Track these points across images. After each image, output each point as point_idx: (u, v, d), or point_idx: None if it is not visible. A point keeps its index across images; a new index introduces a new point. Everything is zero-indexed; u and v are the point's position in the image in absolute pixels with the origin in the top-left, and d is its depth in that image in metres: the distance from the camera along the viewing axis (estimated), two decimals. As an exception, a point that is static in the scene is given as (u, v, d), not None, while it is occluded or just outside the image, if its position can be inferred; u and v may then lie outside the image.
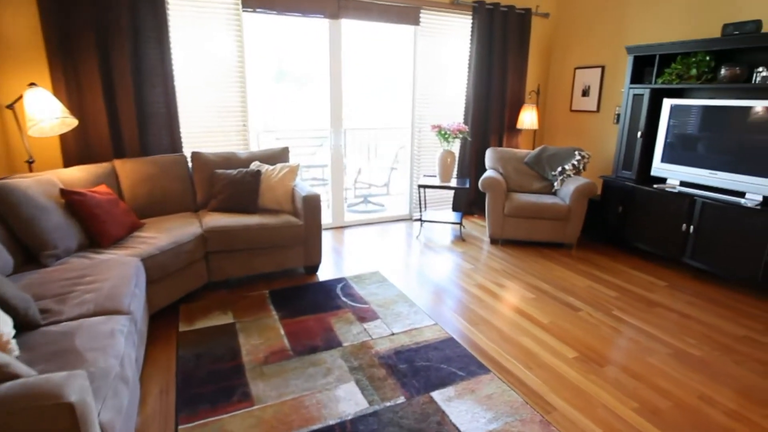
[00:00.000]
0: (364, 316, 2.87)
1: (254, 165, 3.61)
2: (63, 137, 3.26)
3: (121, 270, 2.25)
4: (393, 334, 2.66)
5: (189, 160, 3.59)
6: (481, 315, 2.92)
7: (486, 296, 3.19)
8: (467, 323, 2.81)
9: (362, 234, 4.55)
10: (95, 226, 2.64)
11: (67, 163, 3.30)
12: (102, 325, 1.78)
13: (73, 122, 3.01)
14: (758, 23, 3.16)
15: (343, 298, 3.10)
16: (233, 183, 3.38)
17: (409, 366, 2.33)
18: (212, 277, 3.12)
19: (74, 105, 3.25)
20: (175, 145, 3.65)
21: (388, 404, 2.04)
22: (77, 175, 2.98)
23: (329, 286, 3.30)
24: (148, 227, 2.97)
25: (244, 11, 3.73)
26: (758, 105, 3.17)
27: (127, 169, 3.25)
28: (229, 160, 3.61)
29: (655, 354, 2.53)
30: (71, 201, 2.63)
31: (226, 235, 3.05)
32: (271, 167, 3.57)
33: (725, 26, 3.30)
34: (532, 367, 2.38)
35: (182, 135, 3.72)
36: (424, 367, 2.33)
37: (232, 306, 2.96)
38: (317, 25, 4.18)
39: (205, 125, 3.84)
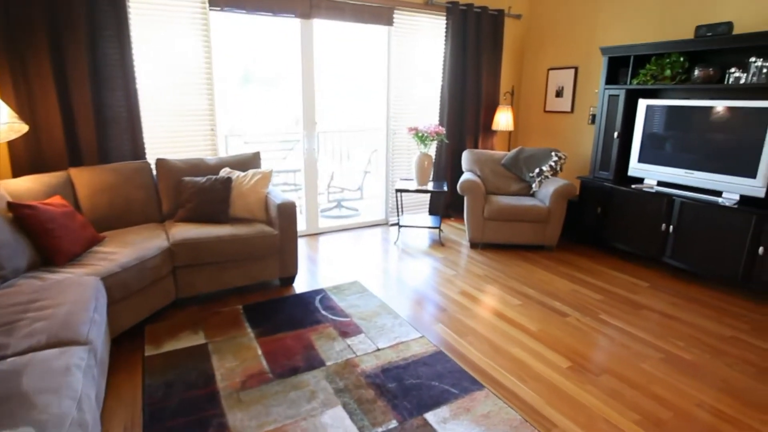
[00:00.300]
0: (347, 330, 2.71)
1: (224, 172, 3.40)
2: (11, 144, 2.96)
3: (79, 292, 2.02)
4: (378, 349, 2.51)
5: (153, 167, 3.34)
6: (468, 325, 2.81)
7: (471, 304, 3.10)
8: (455, 334, 2.70)
9: (338, 241, 4.39)
10: (48, 242, 2.38)
11: (17, 172, 3.00)
12: (56, 360, 1.56)
13: (23, 128, 2.72)
14: (730, 25, 3.21)
15: (323, 312, 2.94)
16: (202, 191, 3.16)
17: (399, 385, 2.20)
18: (181, 294, 2.89)
19: (24, 109, 2.96)
20: (138, 151, 3.39)
21: (379, 430, 1.89)
22: (27, 185, 2.70)
23: (307, 298, 3.13)
24: (109, 241, 2.71)
25: (211, 10, 3.51)
26: (731, 105, 3.21)
27: (84, 178, 2.98)
28: (197, 167, 3.38)
29: (647, 359, 2.48)
30: (20, 215, 2.36)
31: (195, 248, 2.83)
32: (243, 174, 3.36)
33: (698, 28, 3.34)
34: (527, 379, 2.29)
35: (145, 140, 3.46)
36: (415, 386, 2.19)
37: (204, 324, 2.74)
38: (288, 25, 4.00)
39: (170, 130, 3.59)
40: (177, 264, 2.81)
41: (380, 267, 3.74)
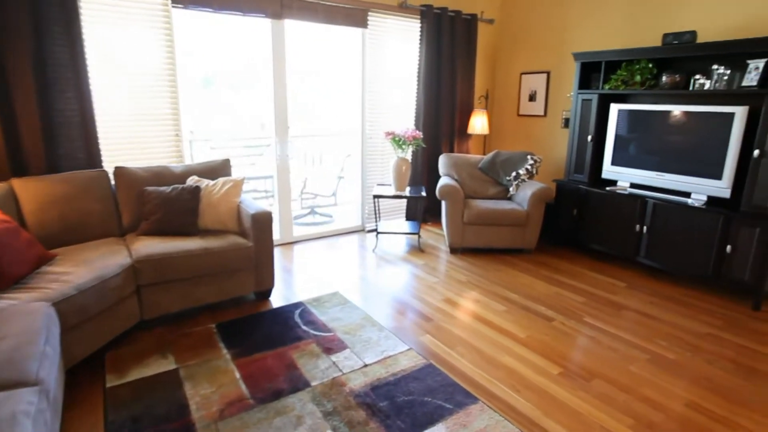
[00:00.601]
0: (330, 346, 2.57)
1: (191, 180, 3.18)
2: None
3: (26, 322, 1.78)
4: (366, 365, 2.38)
5: (111, 176, 3.08)
6: (456, 334, 2.73)
7: (457, 312, 3.02)
8: (443, 345, 2.61)
9: (314, 249, 4.22)
10: (-11, 264, 2.10)
11: (-51, 185, 2.67)
12: None
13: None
14: (694, 34, 3.30)
15: (304, 327, 2.77)
16: (168, 202, 2.93)
17: (391, 403, 2.08)
18: (146, 315, 2.65)
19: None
20: (94, 159, 3.12)
21: (375, 456, 1.77)
22: (-37, 200, 2.40)
23: (286, 313, 2.96)
24: (62, 260, 2.45)
25: (174, 7, 3.28)
26: (696, 110, 3.30)
27: (30, 189, 2.69)
28: (161, 176, 3.14)
29: (634, 361, 2.48)
30: (-46, 234, 2.08)
31: (162, 264, 2.61)
32: (212, 182, 3.15)
33: (665, 36, 3.42)
34: (520, 389, 2.22)
35: (102, 147, 3.19)
36: (407, 403, 2.08)
37: (173, 347, 2.52)
38: (258, 26, 3.82)
39: (130, 135, 3.32)
40: (141, 282, 2.58)
41: (360, 276, 3.61)
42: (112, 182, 3.08)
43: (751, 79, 3.03)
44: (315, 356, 2.46)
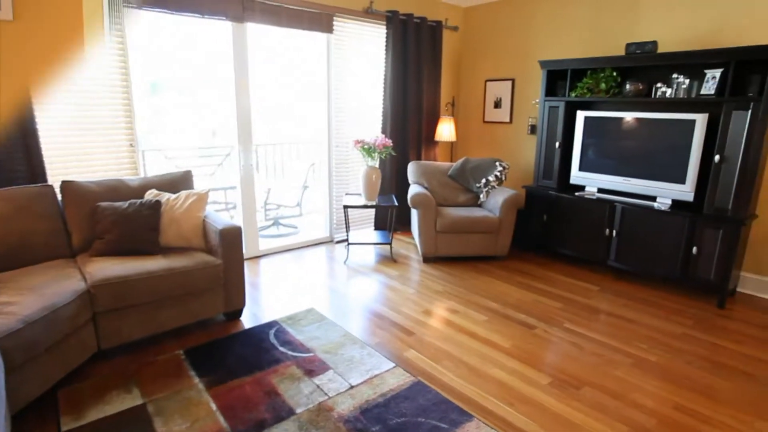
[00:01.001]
0: (312, 368, 2.41)
1: (150, 194, 2.93)
2: None
3: (-36, 364, 1.52)
4: (352, 386, 2.25)
5: (58, 191, 2.78)
6: (441, 348, 2.65)
7: (438, 324, 2.94)
8: (429, 360, 2.52)
9: (282, 263, 4.03)
10: None
11: None
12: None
13: None
14: (655, 44, 3.44)
15: (281, 348, 2.60)
16: (125, 218, 2.67)
17: (384, 427, 1.96)
18: (104, 344, 2.39)
19: None
20: (36, 172, 2.80)
21: (375, 489, 1.64)
22: None
23: (260, 333, 2.77)
24: (3, 288, 2.16)
25: (126, 6, 3.03)
26: (659, 117, 3.44)
27: (-38, 209, 2.36)
28: (115, 190, 2.87)
29: (619, 366, 2.49)
30: None
31: (122, 288, 2.36)
32: (173, 196, 2.92)
33: (628, 45, 3.54)
34: (513, 402, 2.17)
35: (46, 159, 2.88)
36: (401, 426, 1.97)
37: (138, 378, 2.28)
38: (219, 29, 3.61)
39: (78, 146, 3.02)
40: (98, 309, 2.31)
41: (334, 290, 3.46)
42: (59, 198, 2.78)
43: (708, 87, 3.18)
44: (296, 380, 2.29)
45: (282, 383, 2.26)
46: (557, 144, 4.04)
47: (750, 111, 2.97)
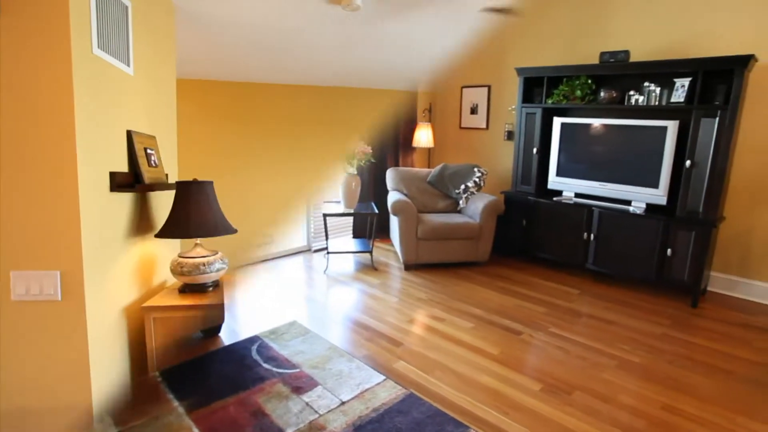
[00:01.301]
0: (299, 384, 2.31)
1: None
2: None
3: None
4: (343, 402, 2.17)
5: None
6: (430, 357, 2.61)
7: (425, 333, 2.90)
8: (419, 371, 2.47)
9: (259, 274, 3.90)
10: None
11: None
12: None
13: None
14: (627, 53, 3.55)
15: (265, 365, 2.49)
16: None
17: (380, 444, 1.89)
18: (72, 368, 2.20)
19: None
20: None
21: None
22: None
23: (241, 350, 2.64)
24: None
25: None
26: (633, 124, 3.54)
27: None
28: None
29: (606, 369, 2.52)
30: None
31: (91, 307, 2.19)
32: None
33: (602, 54, 3.64)
34: (507, 411, 2.14)
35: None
36: (397, 442, 1.90)
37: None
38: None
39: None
40: (65, 330, 2.14)
41: (316, 301, 3.37)
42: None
43: (678, 95, 3.30)
44: (284, 398, 2.19)
45: (269, 402, 2.16)
46: (535, 150, 4.10)
47: (717, 118, 3.09)
